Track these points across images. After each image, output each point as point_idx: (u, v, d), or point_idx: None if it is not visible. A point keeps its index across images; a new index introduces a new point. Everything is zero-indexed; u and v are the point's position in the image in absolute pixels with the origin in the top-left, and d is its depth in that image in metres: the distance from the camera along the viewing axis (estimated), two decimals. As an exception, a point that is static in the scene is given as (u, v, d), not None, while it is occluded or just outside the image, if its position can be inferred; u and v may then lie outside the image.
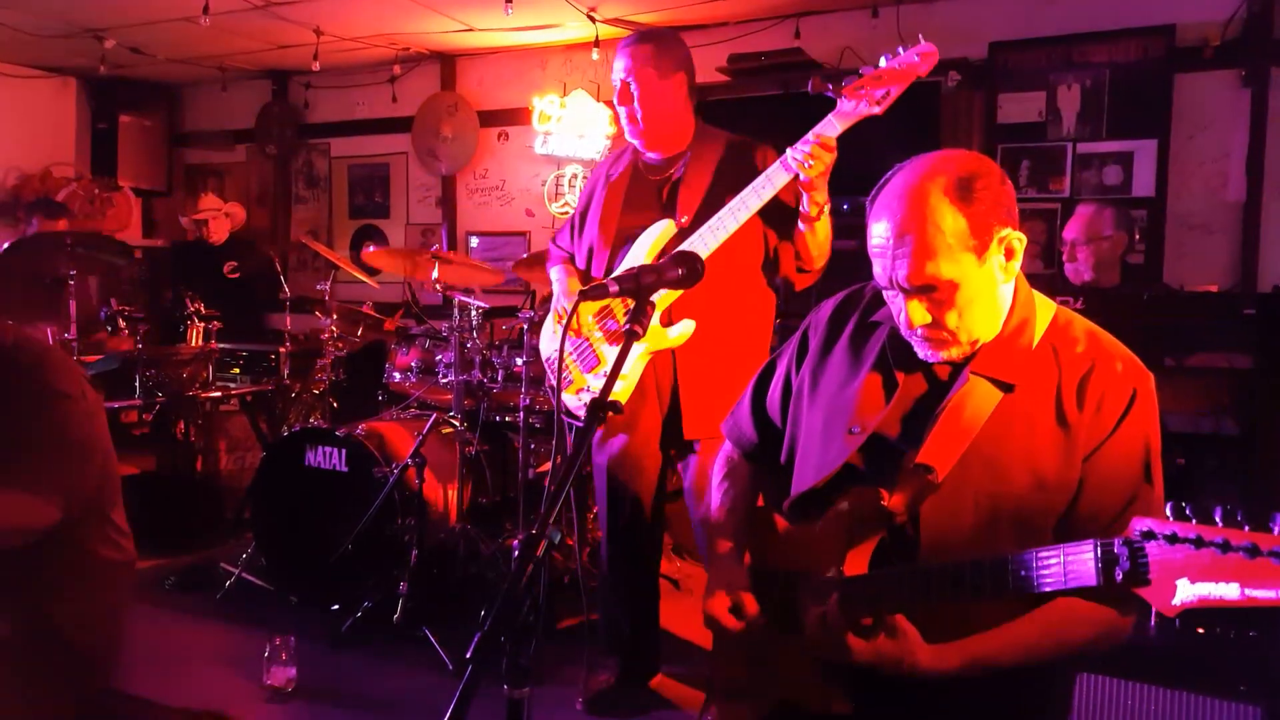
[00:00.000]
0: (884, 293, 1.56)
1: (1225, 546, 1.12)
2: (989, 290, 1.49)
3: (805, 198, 2.65)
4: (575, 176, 5.78)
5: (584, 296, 1.53)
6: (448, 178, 6.32)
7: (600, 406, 1.43)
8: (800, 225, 2.71)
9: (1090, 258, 3.66)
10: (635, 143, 2.94)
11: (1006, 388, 1.49)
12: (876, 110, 2.49)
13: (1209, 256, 4.28)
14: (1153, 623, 2.35)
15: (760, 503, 1.83)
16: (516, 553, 1.21)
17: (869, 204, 1.54)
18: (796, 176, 2.58)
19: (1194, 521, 1.15)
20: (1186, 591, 1.14)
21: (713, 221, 2.68)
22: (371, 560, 3.56)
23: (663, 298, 2.75)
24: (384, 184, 6.61)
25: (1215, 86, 4.26)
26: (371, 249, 4.17)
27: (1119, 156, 4.39)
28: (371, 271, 4.76)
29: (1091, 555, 1.23)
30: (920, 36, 2.41)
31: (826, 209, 2.67)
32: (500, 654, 1.20)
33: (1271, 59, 4.15)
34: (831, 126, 2.53)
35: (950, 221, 1.43)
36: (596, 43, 5.31)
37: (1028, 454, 1.47)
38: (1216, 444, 3.10)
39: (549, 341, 3.08)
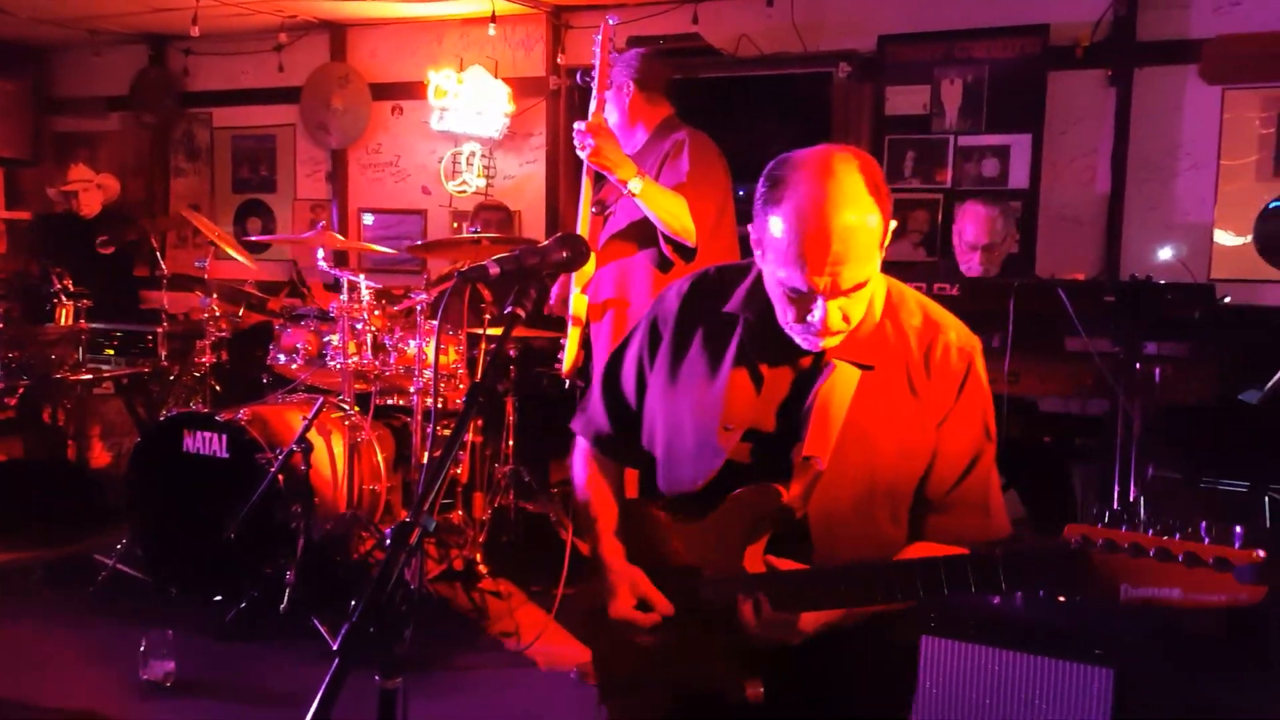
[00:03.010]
0: (778, 292, 1.51)
1: (1165, 555, 1.19)
2: (875, 279, 1.53)
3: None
4: (474, 154, 5.70)
5: (463, 278, 1.51)
6: (338, 152, 6.14)
7: (479, 391, 1.42)
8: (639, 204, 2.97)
9: (989, 259, 3.83)
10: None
11: (866, 368, 1.55)
12: (594, 89, 3.09)
13: (1078, 247, 4.52)
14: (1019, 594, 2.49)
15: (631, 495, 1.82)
16: (388, 541, 1.18)
17: (765, 197, 1.49)
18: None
19: (1126, 529, 1.23)
20: (1130, 594, 1.22)
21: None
22: (256, 549, 3.46)
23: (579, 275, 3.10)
24: (270, 157, 6.38)
25: (1085, 85, 4.48)
26: (250, 225, 4.03)
27: (997, 150, 4.58)
28: (255, 249, 4.60)
29: (1042, 562, 1.30)
30: (609, 20, 3.03)
31: (636, 183, 2.86)
32: (381, 643, 1.19)
33: (1135, 60, 4.39)
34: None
35: (875, 221, 1.45)
36: (493, 18, 5.23)
37: (891, 428, 1.54)
38: (1084, 424, 3.28)
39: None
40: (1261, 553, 1.16)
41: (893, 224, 1.51)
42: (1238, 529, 1.19)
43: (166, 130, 6.61)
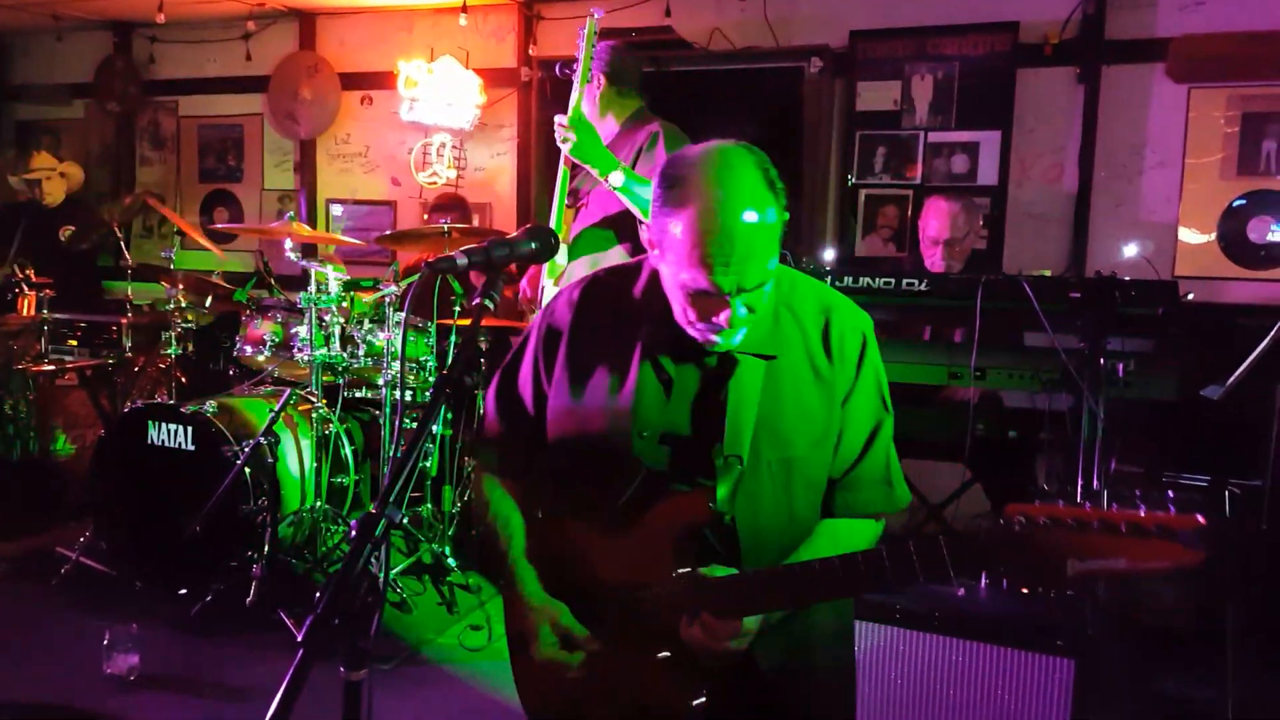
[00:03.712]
0: (679, 294, 1.48)
1: (1108, 527, 1.22)
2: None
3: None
4: (444, 145, 5.65)
5: (431, 268, 1.49)
6: (307, 142, 6.07)
7: (446, 383, 1.41)
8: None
9: (951, 254, 3.86)
10: None
11: (769, 358, 1.55)
12: (576, 84, 3.07)
13: (1046, 243, 4.57)
14: (983, 585, 2.53)
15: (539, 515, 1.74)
16: (353, 533, 1.17)
17: (664, 198, 1.46)
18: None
19: (1065, 505, 1.25)
20: (1077, 568, 1.24)
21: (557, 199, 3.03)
22: (223, 543, 3.43)
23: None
24: (237, 147, 6.29)
25: (1054, 82, 4.52)
26: (218, 216, 3.98)
27: (966, 146, 4.61)
28: (221, 240, 4.55)
29: (984, 546, 1.32)
30: (594, 13, 2.98)
31: (618, 176, 2.92)
32: (346, 635, 1.18)
33: (1103, 58, 4.43)
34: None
35: (774, 216, 1.45)
36: (464, 8, 5.19)
37: (800, 415, 1.55)
38: (1049, 418, 3.32)
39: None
40: (1201, 518, 1.19)
41: (785, 216, 1.49)
42: (1170, 494, 1.24)
43: (131, 119, 6.50)
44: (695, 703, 1.49)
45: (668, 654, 1.51)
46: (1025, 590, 2.46)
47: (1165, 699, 3.01)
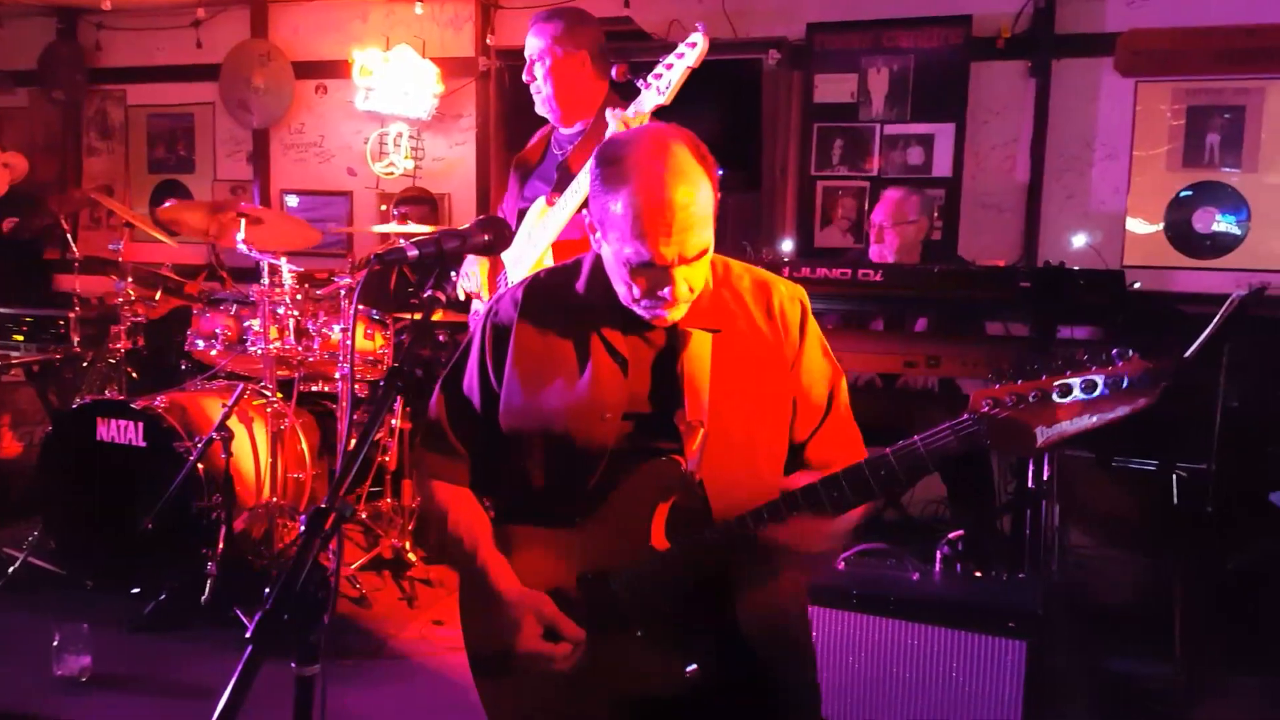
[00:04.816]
0: (623, 272, 1.52)
1: (1066, 390, 1.33)
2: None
3: None
4: (400, 135, 5.59)
5: (378, 260, 1.48)
6: (260, 131, 5.97)
7: (396, 375, 1.40)
8: None
9: (895, 240, 3.90)
10: (545, 115, 2.94)
11: (715, 331, 1.62)
12: (663, 101, 2.52)
13: (999, 234, 4.64)
14: (937, 570, 2.57)
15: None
16: (303, 527, 1.15)
17: (602, 177, 1.52)
18: None
19: (1023, 381, 1.36)
20: (1045, 435, 1.35)
21: (560, 201, 2.70)
22: (176, 540, 3.37)
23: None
24: (188, 136, 6.17)
25: (1006, 75, 4.59)
26: (169, 205, 3.91)
27: (921, 138, 4.66)
28: (172, 231, 4.47)
29: (953, 436, 1.41)
30: (699, 26, 2.45)
31: None
32: (297, 630, 1.17)
33: (1054, 52, 4.51)
34: (619, 121, 2.54)
35: (707, 189, 1.52)
36: (420, -3, 5.14)
37: (753, 383, 1.62)
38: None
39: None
40: (1148, 362, 1.30)
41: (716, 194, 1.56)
42: (1114, 350, 1.34)
43: (77, 107, 6.34)
44: (688, 669, 1.53)
45: (644, 635, 1.55)
46: (979, 575, 2.50)
47: (1116, 677, 3.08)
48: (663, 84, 2.48)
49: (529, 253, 2.81)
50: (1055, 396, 1.34)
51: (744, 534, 1.50)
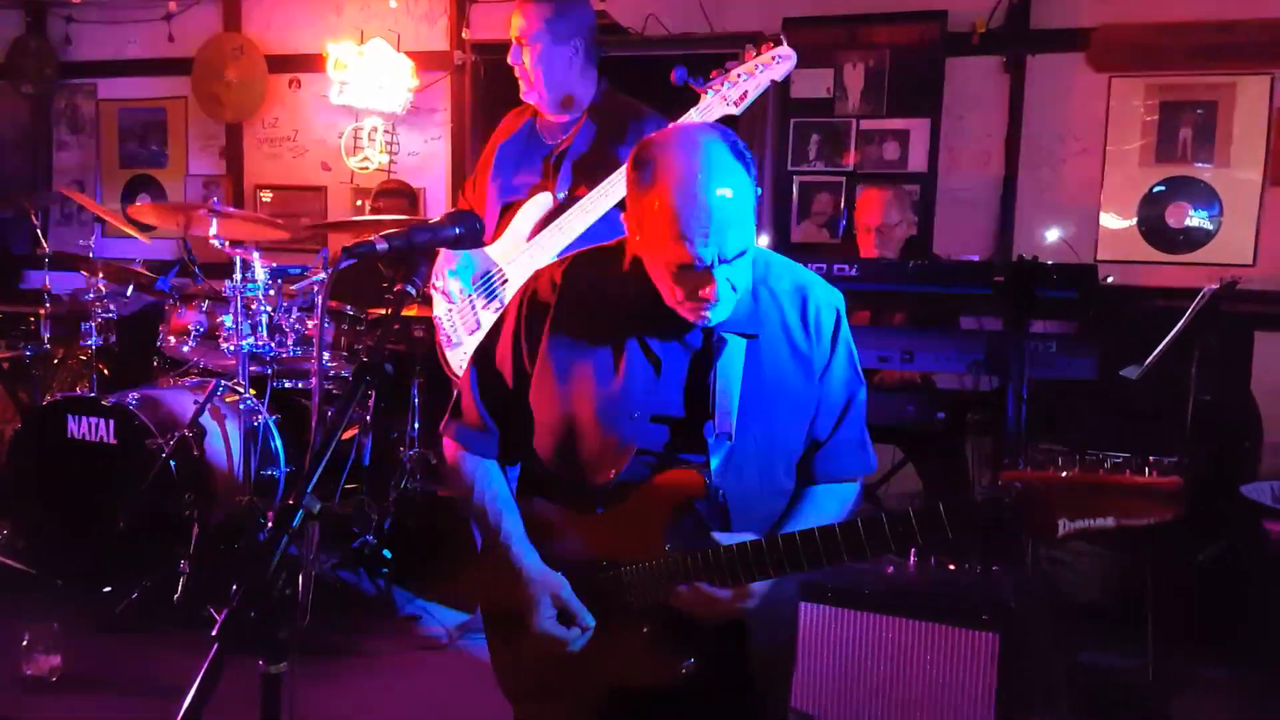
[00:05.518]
0: (664, 273, 1.51)
1: (1097, 490, 1.33)
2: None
3: None
4: (375, 129, 5.55)
5: (348, 253, 1.46)
6: (233, 126, 5.91)
7: (366, 370, 1.39)
8: None
9: (881, 239, 3.91)
10: (531, 102, 2.81)
11: (751, 337, 1.60)
12: (734, 111, 2.38)
13: (974, 229, 4.66)
14: (912, 563, 2.59)
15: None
16: (269, 524, 1.15)
17: (638, 180, 1.50)
18: None
19: (1056, 470, 1.35)
20: (1068, 528, 1.35)
21: (583, 202, 2.55)
22: (148, 539, 3.35)
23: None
24: (160, 131, 6.10)
25: (981, 71, 4.61)
26: (141, 202, 3.85)
27: (897, 134, 4.68)
28: (144, 227, 4.42)
29: (982, 513, 1.41)
30: (783, 39, 2.34)
31: None
32: (264, 627, 1.16)
33: (1028, 47, 4.53)
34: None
35: (746, 186, 1.49)
36: (395, -9, 5.10)
37: (780, 390, 1.61)
38: (975, 399, 3.40)
39: (438, 304, 2.93)
40: (1179, 479, 1.31)
41: (757, 190, 1.54)
42: (1151, 460, 1.34)
43: (47, 102, 6.26)
44: (684, 665, 1.55)
45: (647, 629, 1.56)
46: (952, 567, 2.51)
47: (1088, 670, 3.11)
48: (734, 94, 2.34)
49: (539, 256, 2.65)
50: (1087, 493, 1.34)
51: (748, 565, 1.51)
